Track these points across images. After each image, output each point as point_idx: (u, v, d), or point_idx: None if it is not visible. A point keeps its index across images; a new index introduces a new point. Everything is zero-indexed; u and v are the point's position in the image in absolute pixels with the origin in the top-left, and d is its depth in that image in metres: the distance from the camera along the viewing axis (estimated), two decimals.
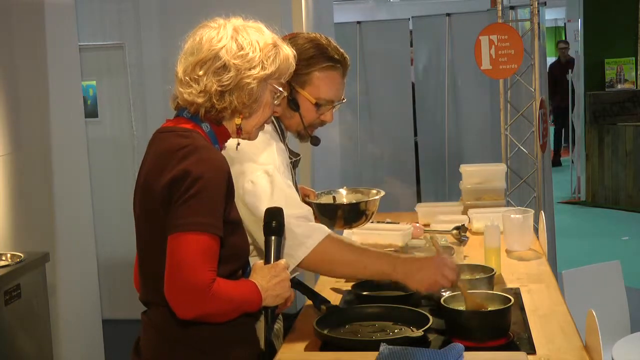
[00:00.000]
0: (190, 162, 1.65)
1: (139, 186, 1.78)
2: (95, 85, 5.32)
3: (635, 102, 8.52)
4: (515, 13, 5.88)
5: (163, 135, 1.77)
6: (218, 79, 1.73)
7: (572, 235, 7.27)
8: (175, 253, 1.62)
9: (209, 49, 1.74)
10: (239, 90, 1.75)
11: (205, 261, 1.62)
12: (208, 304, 1.63)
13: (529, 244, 2.85)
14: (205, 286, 1.61)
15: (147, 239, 1.77)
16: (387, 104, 6.66)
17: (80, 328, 4.01)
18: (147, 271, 1.79)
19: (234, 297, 1.69)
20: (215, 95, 1.74)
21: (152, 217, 1.71)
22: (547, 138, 5.35)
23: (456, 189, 3.91)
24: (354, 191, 2.63)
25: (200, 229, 1.62)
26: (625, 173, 8.35)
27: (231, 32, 1.76)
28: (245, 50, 1.75)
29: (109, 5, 5.26)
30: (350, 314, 2.11)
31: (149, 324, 1.80)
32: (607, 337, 2.29)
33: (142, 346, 1.82)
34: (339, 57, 2.18)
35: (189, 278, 1.61)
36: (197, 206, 1.63)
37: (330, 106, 2.21)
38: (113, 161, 5.24)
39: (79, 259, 4.02)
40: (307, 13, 4.17)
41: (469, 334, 1.89)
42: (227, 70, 1.73)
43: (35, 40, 3.76)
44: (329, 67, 2.17)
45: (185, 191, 1.63)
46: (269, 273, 1.77)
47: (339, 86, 2.21)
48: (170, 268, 1.63)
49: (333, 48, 2.19)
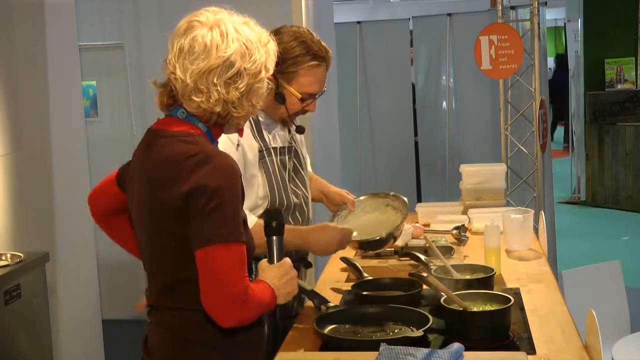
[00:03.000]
0: (205, 174, 1.64)
1: (144, 194, 1.75)
2: (95, 85, 5.33)
3: (635, 102, 8.51)
4: (515, 13, 5.88)
5: (164, 141, 1.73)
6: (235, 87, 1.71)
7: (572, 235, 7.27)
8: (209, 266, 1.64)
9: (217, 55, 1.69)
10: (252, 95, 1.75)
11: (239, 270, 1.65)
12: (247, 310, 1.68)
13: (529, 244, 2.85)
14: (244, 294, 1.65)
15: (160, 248, 1.75)
16: (387, 104, 6.66)
17: (80, 328, 4.01)
18: (158, 278, 1.79)
19: (262, 300, 1.72)
20: (236, 102, 1.72)
21: (165, 227, 1.70)
22: (547, 138, 5.35)
23: (456, 189, 3.91)
24: (374, 196, 2.66)
25: (230, 240, 1.64)
26: (625, 173, 8.35)
27: (233, 33, 1.72)
28: (254, 55, 1.74)
29: (109, 5, 5.26)
30: (350, 314, 2.11)
31: (159, 324, 1.80)
32: (607, 337, 2.29)
33: (153, 347, 1.82)
34: (322, 53, 2.31)
35: (228, 289, 1.64)
36: (221, 218, 1.64)
37: (314, 98, 2.36)
38: (113, 161, 5.19)
39: (79, 259, 4.01)
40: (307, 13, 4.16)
41: (469, 334, 1.89)
42: (241, 77, 1.72)
43: (35, 40, 3.76)
44: (314, 65, 2.30)
45: (205, 204, 1.63)
46: (279, 272, 1.79)
47: (322, 80, 2.35)
48: (207, 281, 1.65)
49: (316, 43, 2.30)
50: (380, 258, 2.79)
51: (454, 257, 2.67)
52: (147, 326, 1.86)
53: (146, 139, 1.81)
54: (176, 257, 1.70)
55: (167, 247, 1.73)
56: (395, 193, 2.63)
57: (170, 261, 1.73)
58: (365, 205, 2.63)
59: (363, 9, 10.89)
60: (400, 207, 2.57)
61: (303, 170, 2.50)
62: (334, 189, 2.66)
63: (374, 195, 2.66)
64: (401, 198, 2.59)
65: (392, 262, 2.73)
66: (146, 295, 1.89)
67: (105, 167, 5.79)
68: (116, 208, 1.97)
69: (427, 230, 3.05)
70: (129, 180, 1.86)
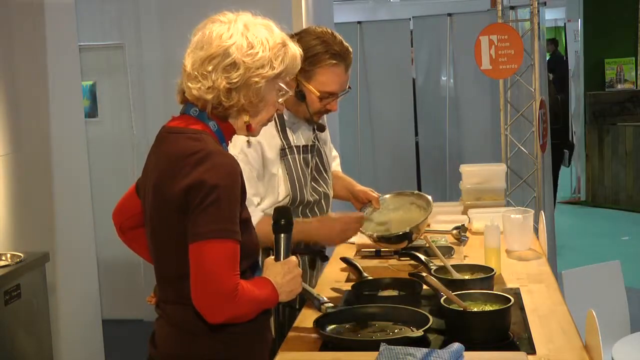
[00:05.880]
0: (204, 170, 1.66)
1: (151, 188, 1.78)
2: (95, 86, 5.33)
3: (635, 102, 8.52)
4: (515, 13, 5.88)
5: (173, 137, 1.77)
6: (227, 76, 1.72)
7: (572, 235, 7.27)
8: (200, 261, 1.65)
9: (218, 44, 1.73)
10: (246, 89, 1.75)
11: (230, 267, 1.66)
12: (236, 307, 1.67)
13: (529, 244, 2.85)
14: (233, 291, 1.65)
15: (162, 241, 1.78)
16: (388, 104, 6.66)
17: (80, 328, 4.01)
18: (162, 272, 1.81)
19: (256, 297, 1.72)
20: (224, 92, 1.73)
21: (167, 221, 1.73)
22: (547, 138, 5.36)
23: (456, 189, 3.91)
24: (398, 195, 2.72)
25: (222, 236, 1.65)
26: (625, 173, 8.35)
27: (242, 28, 1.75)
28: (256, 49, 1.74)
29: (109, 5, 5.26)
30: (350, 314, 2.11)
31: (164, 318, 1.82)
32: (607, 337, 2.29)
33: (158, 341, 1.83)
34: (342, 53, 2.35)
35: (217, 285, 1.64)
36: (216, 213, 1.65)
37: (334, 97, 2.39)
38: (113, 161, 5.24)
39: (79, 259, 4.02)
40: (307, 13, 4.16)
41: (469, 334, 1.89)
42: (236, 68, 1.73)
43: (35, 40, 3.76)
44: (332, 64, 2.33)
45: (202, 200, 1.65)
46: (282, 270, 1.80)
47: (341, 80, 2.38)
48: (197, 276, 1.65)
49: (338, 44, 2.34)
50: (380, 258, 2.79)
51: (454, 257, 2.67)
52: (155, 321, 1.88)
53: (158, 136, 1.83)
54: (177, 252, 1.72)
55: (169, 241, 1.75)
56: (419, 192, 2.72)
57: (172, 255, 1.75)
58: (390, 203, 2.69)
59: (363, 9, 10.88)
60: (425, 205, 2.63)
61: (326, 168, 2.56)
62: (359, 187, 2.72)
63: (399, 194, 2.73)
64: (425, 196, 2.66)
65: (392, 262, 2.73)
66: (154, 290, 1.90)
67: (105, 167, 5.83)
68: (139, 221, 1.96)
69: (427, 230, 3.04)
70: (141, 183, 1.89)
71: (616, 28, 8.62)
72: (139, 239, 1.99)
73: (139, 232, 1.97)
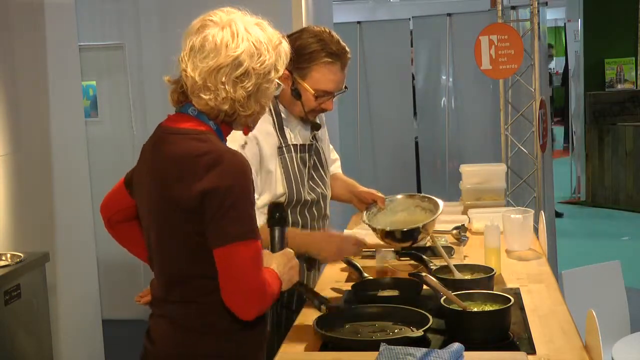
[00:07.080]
0: (218, 174, 1.67)
1: (153, 189, 1.77)
2: (95, 85, 5.33)
3: (635, 102, 8.51)
4: (515, 13, 5.88)
5: (175, 138, 1.76)
6: (242, 86, 1.73)
7: (572, 235, 7.27)
8: (228, 265, 1.69)
9: (227, 54, 1.71)
10: (259, 95, 1.77)
11: (257, 266, 1.71)
12: (266, 301, 1.74)
13: (529, 244, 2.85)
14: (265, 288, 1.72)
15: (168, 242, 1.77)
16: (388, 104, 6.66)
17: (80, 328, 4.01)
18: (167, 272, 1.81)
19: (275, 288, 1.78)
20: (241, 102, 1.74)
21: (174, 222, 1.73)
22: (547, 138, 5.35)
23: (456, 189, 3.90)
24: (406, 197, 2.70)
25: (246, 237, 1.68)
26: (625, 173, 8.34)
27: (243, 32, 1.74)
28: (263, 56, 1.75)
29: (109, 5, 5.26)
30: (350, 314, 2.11)
31: (164, 316, 1.82)
32: (607, 337, 2.29)
33: (157, 338, 1.83)
34: (338, 51, 2.33)
35: (249, 285, 1.69)
36: (236, 216, 1.67)
37: (330, 96, 2.38)
38: (113, 161, 5.23)
39: (79, 259, 4.02)
40: (307, 13, 4.16)
41: (469, 334, 1.89)
42: (248, 76, 1.73)
43: (35, 40, 3.76)
44: (328, 63, 2.32)
45: (220, 205, 1.66)
46: (283, 260, 1.85)
47: (337, 78, 2.36)
48: (227, 278, 1.69)
49: (335, 43, 2.33)
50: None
51: (454, 257, 2.66)
52: (149, 319, 1.88)
53: (156, 135, 1.83)
54: (184, 252, 1.74)
55: (175, 242, 1.75)
56: (428, 195, 2.69)
57: (178, 256, 1.76)
58: (396, 204, 2.67)
59: (363, 9, 10.87)
60: (430, 207, 2.61)
61: (324, 168, 2.56)
62: (363, 189, 2.71)
63: (408, 197, 2.71)
64: (434, 199, 2.63)
65: (392, 262, 2.72)
66: (151, 289, 1.91)
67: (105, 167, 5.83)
68: (128, 215, 1.99)
69: None
70: (136, 179, 1.89)
71: (616, 28, 8.61)
72: (127, 232, 2.02)
73: (127, 226, 2.01)
